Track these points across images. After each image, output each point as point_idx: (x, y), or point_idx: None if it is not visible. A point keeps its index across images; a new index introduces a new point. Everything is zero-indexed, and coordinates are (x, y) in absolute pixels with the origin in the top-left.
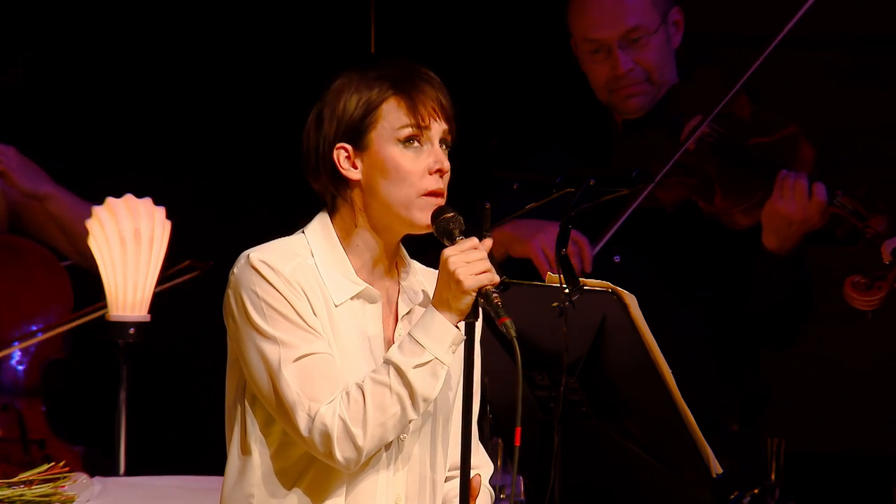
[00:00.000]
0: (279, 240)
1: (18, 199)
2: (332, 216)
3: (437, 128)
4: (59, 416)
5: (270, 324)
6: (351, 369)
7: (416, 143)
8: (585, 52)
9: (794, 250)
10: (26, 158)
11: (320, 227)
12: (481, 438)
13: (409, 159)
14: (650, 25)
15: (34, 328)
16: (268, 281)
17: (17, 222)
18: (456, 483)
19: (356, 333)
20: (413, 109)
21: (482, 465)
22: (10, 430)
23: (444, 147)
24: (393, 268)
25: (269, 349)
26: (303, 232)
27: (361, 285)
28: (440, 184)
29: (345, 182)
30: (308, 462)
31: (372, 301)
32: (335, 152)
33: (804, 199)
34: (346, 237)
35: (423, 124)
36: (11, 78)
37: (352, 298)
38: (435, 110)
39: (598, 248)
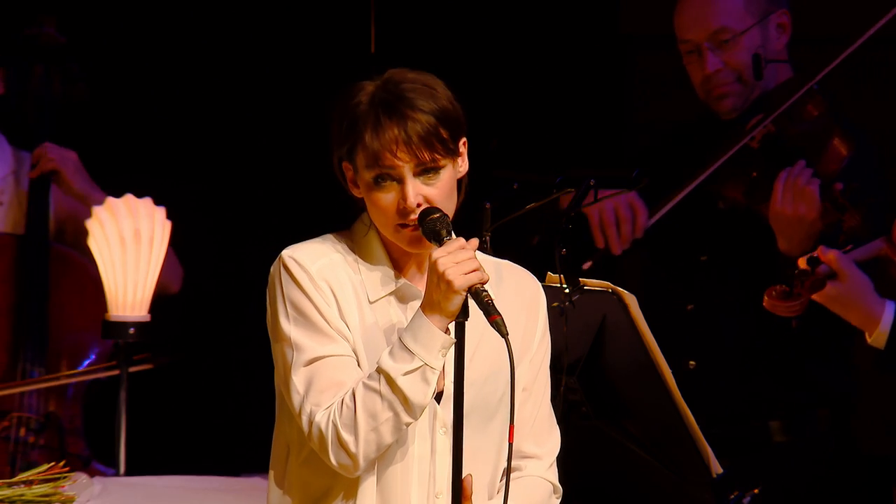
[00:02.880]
0: (321, 237)
1: (66, 210)
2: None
3: (405, 164)
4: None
5: (292, 322)
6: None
7: (386, 181)
8: (683, 52)
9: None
10: (84, 168)
11: (363, 225)
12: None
13: (381, 197)
14: (739, 26)
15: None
16: (293, 278)
17: (62, 234)
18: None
19: (392, 330)
20: (370, 153)
21: (544, 455)
22: (51, 439)
23: (432, 174)
24: None
25: (286, 350)
26: (350, 229)
27: (399, 282)
28: (411, 215)
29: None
30: None
31: (412, 298)
32: (342, 167)
33: (801, 197)
34: (385, 237)
35: (384, 164)
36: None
37: (389, 295)
38: (394, 151)
39: (652, 221)
